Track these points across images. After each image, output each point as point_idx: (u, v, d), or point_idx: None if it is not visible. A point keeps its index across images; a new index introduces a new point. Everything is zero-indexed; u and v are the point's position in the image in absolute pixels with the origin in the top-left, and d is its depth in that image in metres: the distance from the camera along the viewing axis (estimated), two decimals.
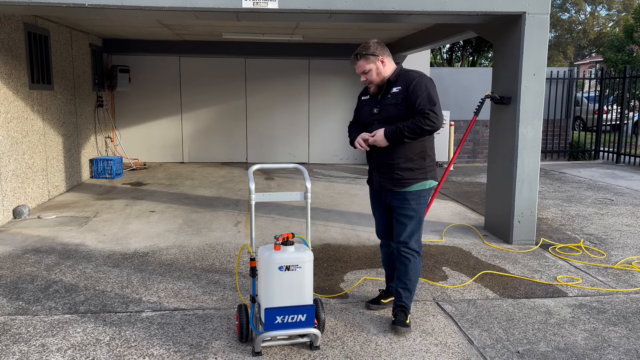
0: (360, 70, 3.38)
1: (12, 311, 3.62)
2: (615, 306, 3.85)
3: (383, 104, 3.39)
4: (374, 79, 3.38)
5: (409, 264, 3.40)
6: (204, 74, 10.82)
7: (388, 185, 3.40)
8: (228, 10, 4.73)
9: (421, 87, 3.27)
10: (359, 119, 3.64)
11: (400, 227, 3.40)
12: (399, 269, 3.46)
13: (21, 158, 6.38)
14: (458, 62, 20.83)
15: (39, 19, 7.05)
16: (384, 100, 3.39)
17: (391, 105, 3.33)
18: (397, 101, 3.31)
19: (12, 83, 6.21)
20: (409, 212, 3.37)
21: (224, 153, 11.14)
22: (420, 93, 3.26)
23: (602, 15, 44.67)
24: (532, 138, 5.23)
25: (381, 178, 3.43)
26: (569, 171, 10.32)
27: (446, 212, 6.73)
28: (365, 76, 3.38)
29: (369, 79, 3.39)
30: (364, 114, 3.52)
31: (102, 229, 5.75)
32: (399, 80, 3.36)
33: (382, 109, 3.38)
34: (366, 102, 3.55)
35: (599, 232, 5.87)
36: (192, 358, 3.02)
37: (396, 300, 3.47)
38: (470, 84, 11.46)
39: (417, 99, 3.24)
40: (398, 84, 3.35)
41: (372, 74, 3.37)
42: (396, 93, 3.33)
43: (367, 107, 3.50)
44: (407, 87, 3.29)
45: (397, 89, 3.34)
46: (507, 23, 5.34)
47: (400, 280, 3.45)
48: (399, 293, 3.46)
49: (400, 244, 3.41)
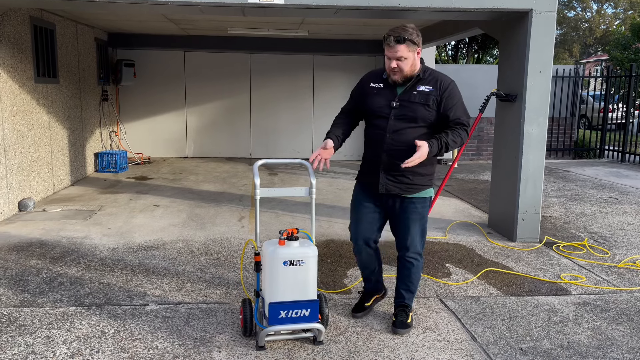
0: (397, 56, 2.99)
1: (18, 303, 3.65)
2: (619, 305, 3.85)
3: (406, 99, 3.09)
4: (407, 69, 3.04)
5: (412, 268, 3.32)
6: (208, 69, 10.82)
7: (396, 189, 3.18)
8: (234, 5, 4.73)
9: (456, 94, 3.10)
10: (358, 107, 3.29)
11: (406, 232, 3.25)
12: (402, 273, 3.37)
13: (27, 151, 6.40)
14: (463, 59, 20.76)
15: (45, 13, 7.06)
16: (408, 95, 3.09)
17: (418, 105, 3.07)
18: (426, 102, 3.06)
19: (18, 76, 6.23)
20: (416, 217, 3.22)
21: (228, 148, 11.15)
22: (456, 101, 3.09)
23: (608, 13, 44.44)
24: (537, 136, 5.22)
25: (389, 181, 3.17)
26: (573, 169, 10.29)
27: (450, 209, 6.73)
28: (397, 63, 3.01)
29: (401, 68, 3.03)
30: (376, 105, 3.15)
31: (106, 222, 5.77)
32: (429, 79, 3.11)
33: (405, 105, 3.08)
34: (378, 91, 3.17)
35: (603, 230, 5.86)
36: (196, 351, 3.04)
37: (398, 301, 3.42)
38: (476, 81, 11.42)
39: (453, 108, 3.07)
40: (428, 83, 3.09)
41: (407, 64, 3.03)
42: (426, 93, 3.08)
43: (381, 98, 3.14)
44: (441, 91, 3.08)
45: (428, 89, 3.08)
46: (513, 20, 5.32)
47: (403, 282, 3.37)
48: (401, 294, 3.40)
49: (406, 250, 3.28)
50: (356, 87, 3.35)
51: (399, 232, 3.30)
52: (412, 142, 3.03)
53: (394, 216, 3.29)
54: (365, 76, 3.33)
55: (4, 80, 5.87)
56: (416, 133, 3.10)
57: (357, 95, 3.31)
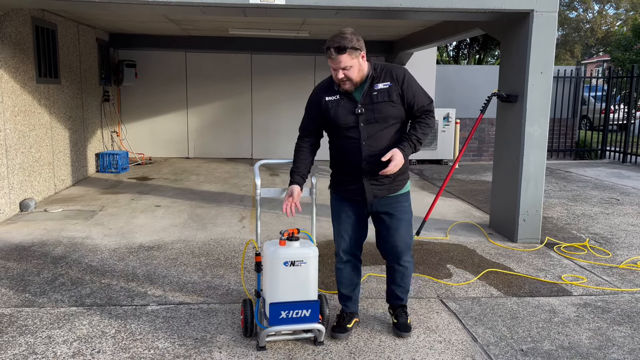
0: (341, 66, 2.90)
1: (19, 303, 3.65)
2: (620, 306, 3.84)
3: (369, 102, 2.99)
4: (354, 77, 2.95)
5: (406, 272, 3.26)
6: (209, 69, 10.83)
7: (382, 192, 3.10)
8: (235, 5, 4.73)
9: (413, 82, 3.04)
10: (320, 127, 3.16)
11: (395, 234, 3.14)
12: (394, 277, 3.28)
13: (28, 151, 6.41)
14: (464, 60, 20.75)
15: (47, 13, 7.07)
16: (370, 97, 3.00)
17: (383, 103, 2.98)
18: (390, 98, 2.99)
19: (20, 77, 6.24)
20: (404, 215, 3.15)
21: (229, 149, 11.16)
22: (416, 89, 3.04)
23: (610, 14, 44.40)
24: (539, 136, 5.21)
25: (373, 186, 3.07)
26: (574, 170, 10.28)
27: (451, 210, 6.72)
28: (344, 73, 2.92)
29: (349, 76, 2.93)
30: (341, 118, 3.02)
31: (107, 222, 5.78)
32: (382, 75, 3.02)
33: (370, 108, 2.99)
34: (337, 103, 3.04)
35: (604, 231, 5.85)
36: (196, 352, 3.04)
37: (396, 301, 3.35)
38: (477, 82, 11.42)
39: (415, 97, 3.02)
40: (384, 79, 3.01)
41: (354, 71, 2.93)
42: (386, 89, 2.99)
43: (342, 109, 3.02)
44: (399, 83, 3.01)
45: (387, 85, 3.00)
46: (515, 21, 5.32)
47: (397, 284, 3.29)
48: (397, 295, 3.32)
49: (399, 254, 3.18)
50: (310, 107, 3.17)
51: (389, 239, 3.17)
52: (390, 144, 3.00)
53: (382, 221, 3.17)
54: (315, 94, 3.15)
55: (5, 81, 5.88)
56: (390, 132, 3.04)
57: (316, 114, 3.14)
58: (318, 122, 3.16)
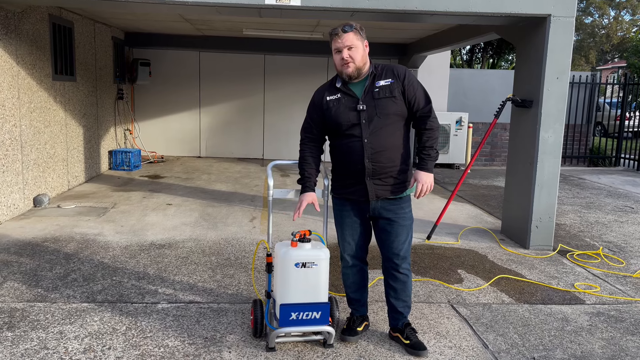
0: (346, 44, 2.91)
1: (31, 298, 3.68)
2: (633, 315, 3.79)
3: (371, 98, 2.98)
4: (358, 59, 2.94)
5: (407, 280, 3.16)
6: (223, 69, 10.87)
7: (385, 193, 3.04)
8: (251, 6, 4.74)
9: (415, 80, 3.02)
10: (322, 130, 3.15)
11: (396, 239, 3.08)
12: (396, 288, 3.17)
13: (43, 148, 6.48)
14: (478, 64, 20.64)
15: (64, 11, 7.14)
16: (371, 94, 2.98)
17: (386, 100, 2.96)
18: (392, 94, 2.96)
19: (36, 73, 6.31)
20: (406, 221, 3.10)
21: (240, 149, 11.19)
22: (417, 88, 3.02)
23: (626, 20, 43.94)
24: (553, 143, 5.17)
25: (377, 186, 3.03)
26: (588, 177, 10.17)
27: (462, 215, 6.68)
28: (349, 53, 2.91)
29: (353, 57, 2.92)
30: (342, 115, 3.01)
31: (119, 220, 5.81)
32: (383, 72, 3.03)
33: (372, 104, 2.97)
34: (338, 102, 3.03)
35: (618, 240, 5.78)
36: (206, 351, 3.04)
37: (402, 321, 3.21)
38: (490, 86, 11.36)
39: (415, 96, 3.01)
40: (385, 77, 3.00)
41: (358, 53, 2.94)
42: (388, 86, 2.98)
43: (344, 107, 3.01)
44: (401, 79, 2.99)
45: (388, 81, 2.98)
46: (531, 25, 5.27)
47: (400, 299, 3.18)
48: (399, 312, 3.20)
49: (399, 261, 3.10)
50: (312, 110, 3.17)
51: (390, 242, 3.11)
52: (392, 141, 2.99)
53: (382, 226, 3.12)
54: (317, 95, 3.16)
55: (22, 77, 5.94)
56: (392, 129, 3.00)
57: (318, 117, 3.13)
58: (319, 124, 3.15)
